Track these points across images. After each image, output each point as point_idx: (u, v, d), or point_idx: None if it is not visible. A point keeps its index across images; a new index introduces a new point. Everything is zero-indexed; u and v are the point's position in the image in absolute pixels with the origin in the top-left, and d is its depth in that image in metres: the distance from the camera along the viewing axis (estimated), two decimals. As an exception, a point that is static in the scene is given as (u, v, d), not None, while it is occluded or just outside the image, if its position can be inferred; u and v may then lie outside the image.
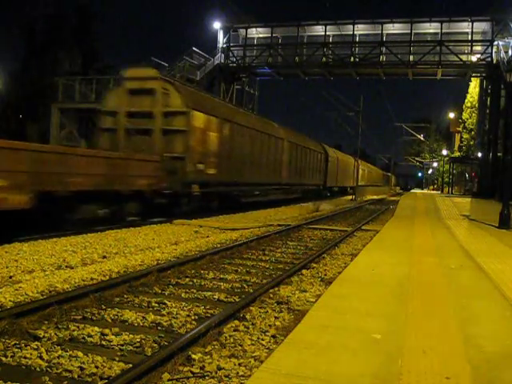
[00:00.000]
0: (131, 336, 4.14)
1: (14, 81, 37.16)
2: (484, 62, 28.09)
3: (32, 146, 9.72)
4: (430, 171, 76.33)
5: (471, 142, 38.93)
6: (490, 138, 28.36)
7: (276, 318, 4.82)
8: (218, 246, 9.42)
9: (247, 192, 19.96)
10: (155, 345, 3.99)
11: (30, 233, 9.11)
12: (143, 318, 4.69)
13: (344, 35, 30.66)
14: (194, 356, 3.69)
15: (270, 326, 4.56)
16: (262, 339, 4.17)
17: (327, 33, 30.83)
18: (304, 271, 7.26)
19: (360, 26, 30.37)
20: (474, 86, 37.59)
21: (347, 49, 30.46)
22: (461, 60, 28.27)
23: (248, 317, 4.79)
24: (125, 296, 5.49)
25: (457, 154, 44.88)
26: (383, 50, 29.42)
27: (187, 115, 13.98)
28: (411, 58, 29.08)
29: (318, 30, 31.25)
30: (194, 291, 5.84)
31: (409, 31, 29.44)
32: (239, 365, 3.59)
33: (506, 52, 25.84)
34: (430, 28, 29.65)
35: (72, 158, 10.21)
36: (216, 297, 5.66)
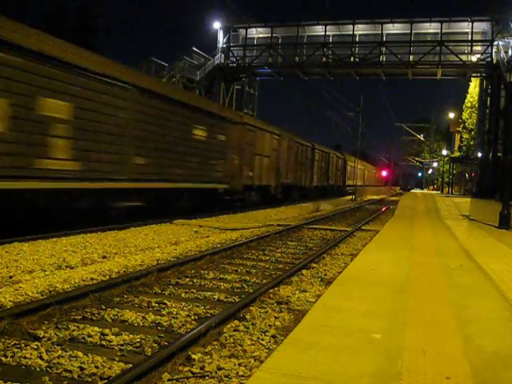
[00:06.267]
0: (131, 336, 4.14)
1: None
2: (484, 62, 28.06)
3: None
4: (429, 171, 76.31)
5: (471, 142, 38.90)
6: (490, 137, 28.30)
7: (276, 318, 4.82)
8: (218, 246, 9.42)
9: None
10: (155, 345, 3.99)
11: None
12: (143, 318, 4.69)
13: (344, 35, 30.66)
14: (193, 356, 3.69)
15: (269, 326, 4.56)
16: (262, 339, 4.17)
17: (327, 33, 30.79)
18: (304, 271, 7.26)
19: (360, 26, 30.34)
20: (473, 86, 37.55)
21: (347, 49, 30.43)
22: (461, 60, 28.24)
23: (248, 317, 4.78)
24: (125, 296, 5.49)
25: (457, 153, 44.85)
26: (383, 50, 29.40)
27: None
28: (411, 57, 29.05)
29: (318, 29, 31.23)
30: (194, 291, 5.84)
31: (409, 31, 29.40)
32: (239, 365, 3.59)
33: (506, 52, 25.82)
34: (430, 28, 29.62)
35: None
36: (216, 297, 5.66)
